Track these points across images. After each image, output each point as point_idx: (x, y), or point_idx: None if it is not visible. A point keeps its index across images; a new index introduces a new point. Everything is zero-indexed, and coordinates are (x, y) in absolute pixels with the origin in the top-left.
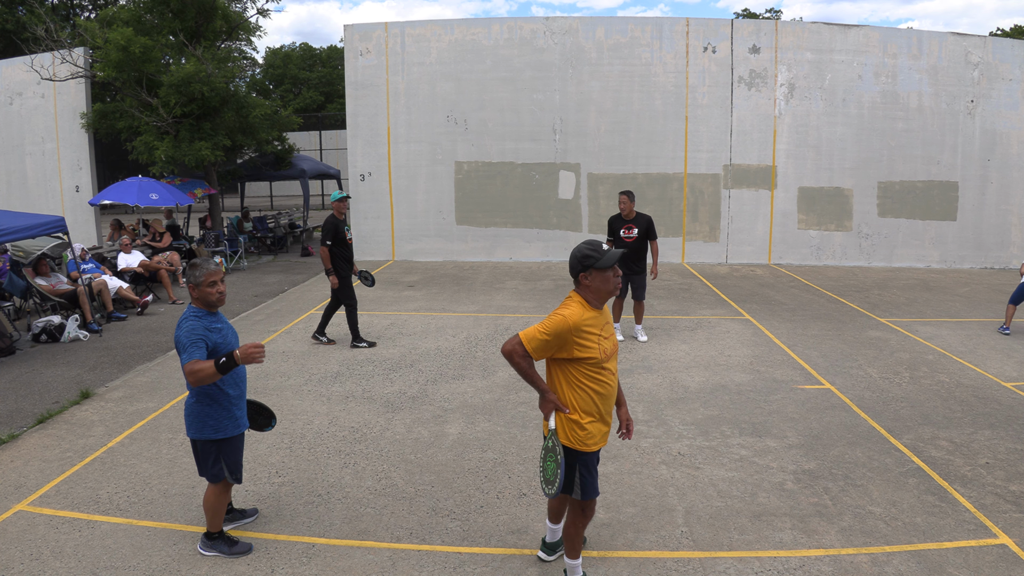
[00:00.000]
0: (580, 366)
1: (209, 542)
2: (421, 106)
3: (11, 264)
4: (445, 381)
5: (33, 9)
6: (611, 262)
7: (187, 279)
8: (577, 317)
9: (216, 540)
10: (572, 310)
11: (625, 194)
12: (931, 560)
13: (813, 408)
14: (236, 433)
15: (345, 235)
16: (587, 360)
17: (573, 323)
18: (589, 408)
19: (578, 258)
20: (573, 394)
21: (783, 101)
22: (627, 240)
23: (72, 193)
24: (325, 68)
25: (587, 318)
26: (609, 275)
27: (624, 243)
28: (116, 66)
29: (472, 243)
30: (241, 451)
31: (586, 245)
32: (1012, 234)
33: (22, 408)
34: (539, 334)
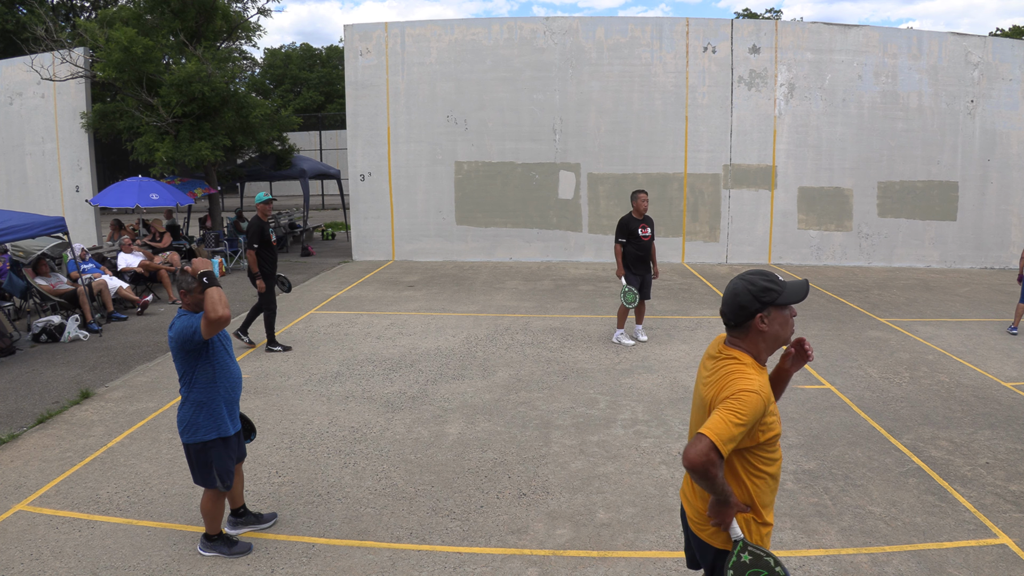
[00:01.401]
0: (761, 449)
1: (208, 543)
2: (421, 106)
3: (11, 264)
4: (445, 381)
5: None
6: (800, 296)
7: (179, 285)
8: (767, 388)
9: (215, 541)
10: (757, 380)
11: (644, 193)
12: (931, 560)
13: (813, 408)
14: (226, 435)
15: (270, 237)
16: (770, 439)
17: (767, 397)
18: (768, 498)
19: (753, 294)
20: (752, 485)
21: (783, 101)
22: (645, 239)
23: (72, 193)
24: (325, 68)
25: (767, 383)
26: (788, 315)
27: (642, 243)
28: (117, 66)
29: (472, 243)
30: (232, 458)
31: (760, 277)
32: (1012, 234)
33: (22, 408)
34: (733, 427)
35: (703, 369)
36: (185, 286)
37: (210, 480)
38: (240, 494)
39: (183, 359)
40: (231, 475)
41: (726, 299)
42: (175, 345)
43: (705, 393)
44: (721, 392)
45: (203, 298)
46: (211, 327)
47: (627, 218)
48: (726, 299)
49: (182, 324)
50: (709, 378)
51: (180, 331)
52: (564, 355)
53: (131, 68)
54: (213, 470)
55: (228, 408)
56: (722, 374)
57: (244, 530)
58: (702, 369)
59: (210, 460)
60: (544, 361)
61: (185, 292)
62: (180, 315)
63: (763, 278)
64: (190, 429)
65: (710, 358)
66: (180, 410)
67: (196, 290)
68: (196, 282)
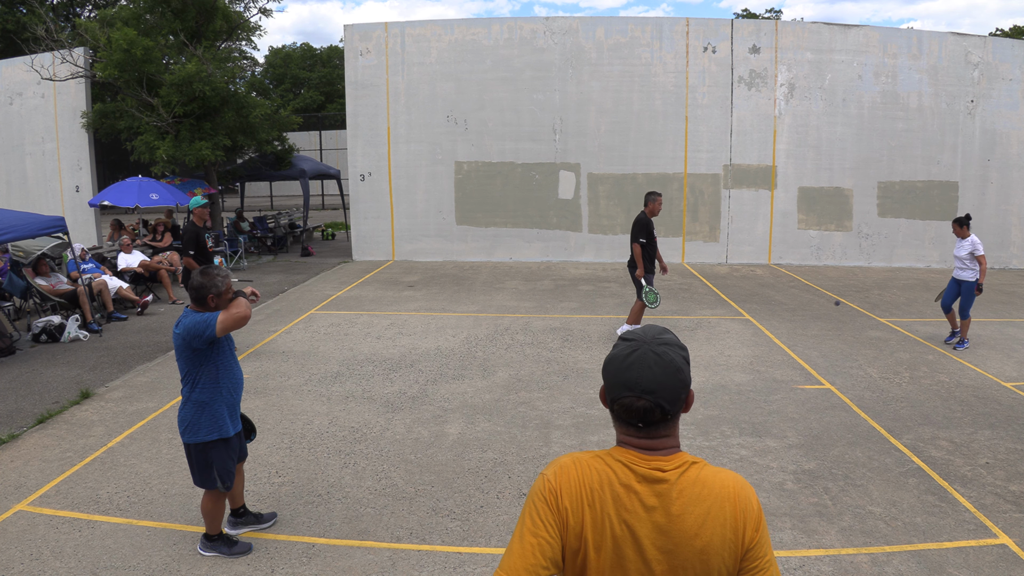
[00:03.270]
0: None
1: (208, 543)
2: (421, 106)
3: (11, 264)
4: (445, 381)
5: (33, 9)
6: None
7: (205, 289)
8: None
9: (216, 541)
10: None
11: (660, 195)
12: (931, 560)
13: (813, 408)
14: (227, 436)
15: (206, 243)
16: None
17: None
18: None
19: (689, 362)
20: None
21: (783, 101)
22: (655, 240)
23: (72, 193)
24: (325, 68)
25: None
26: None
27: (654, 243)
28: (117, 66)
29: (472, 243)
30: (232, 459)
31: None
32: (1012, 234)
33: (22, 408)
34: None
35: (633, 505)
36: (214, 290)
37: (210, 481)
38: (240, 494)
39: (188, 358)
40: (231, 476)
41: (661, 380)
42: (182, 342)
43: (703, 544)
44: (745, 520)
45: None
46: (231, 324)
47: (645, 219)
48: (661, 380)
49: (193, 320)
50: (689, 520)
51: (190, 327)
52: (564, 355)
53: (131, 68)
54: (213, 470)
55: (229, 409)
56: (719, 498)
57: (244, 530)
58: (632, 509)
59: (210, 460)
60: (544, 361)
61: (214, 296)
62: (189, 313)
63: (679, 340)
64: (191, 429)
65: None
66: (181, 410)
67: (227, 293)
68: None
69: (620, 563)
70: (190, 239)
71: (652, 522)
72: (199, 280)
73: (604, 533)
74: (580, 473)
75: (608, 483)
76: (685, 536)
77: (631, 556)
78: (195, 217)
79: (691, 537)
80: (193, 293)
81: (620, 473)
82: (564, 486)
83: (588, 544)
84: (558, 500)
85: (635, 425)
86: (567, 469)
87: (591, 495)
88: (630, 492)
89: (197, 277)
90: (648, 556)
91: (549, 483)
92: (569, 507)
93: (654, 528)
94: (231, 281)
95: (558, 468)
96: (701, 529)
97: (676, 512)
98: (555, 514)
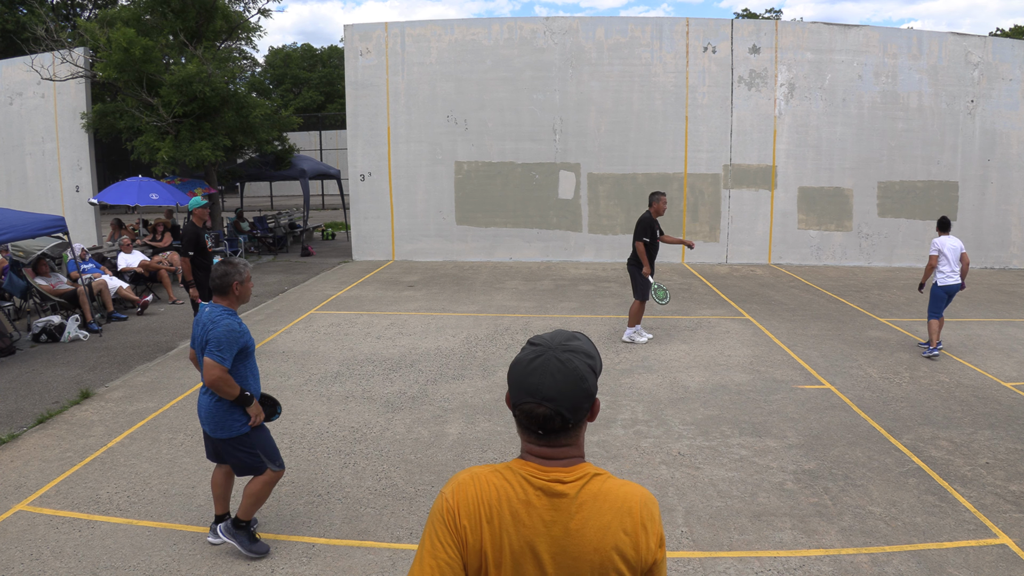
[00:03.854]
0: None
1: (234, 529)
2: (421, 106)
3: (11, 264)
4: (445, 381)
5: (33, 9)
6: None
7: (229, 276)
8: None
9: (242, 529)
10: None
11: (665, 195)
12: (931, 560)
13: (813, 408)
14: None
15: (206, 244)
16: None
17: None
18: None
19: (596, 372)
20: None
21: (783, 101)
22: (658, 241)
23: (72, 193)
24: (325, 68)
25: None
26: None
27: (657, 243)
28: (117, 66)
29: (472, 243)
30: (271, 438)
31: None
32: (1012, 234)
33: (22, 408)
34: None
35: (531, 520)
36: (238, 277)
37: (260, 465)
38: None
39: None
40: (278, 452)
41: (562, 388)
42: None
43: (601, 558)
44: (646, 536)
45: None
46: (220, 388)
47: (649, 218)
48: (562, 388)
49: (228, 325)
50: (588, 534)
51: (228, 332)
52: None
53: (131, 68)
54: (259, 455)
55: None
56: (619, 512)
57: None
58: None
59: (253, 447)
60: None
61: (239, 283)
62: (224, 313)
63: (590, 346)
64: (225, 426)
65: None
66: (208, 407)
67: (249, 281)
68: (240, 392)
69: (529, 563)
70: (190, 240)
71: (551, 537)
72: (223, 268)
73: (503, 550)
74: (478, 490)
75: (506, 498)
76: (584, 551)
77: (531, 572)
78: (195, 218)
79: (590, 552)
80: (217, 282)
81: (518, 487)
82: (462, 504)
83: (488, 561)
84: (456, 519)
85: (536, 432)
86: (465, 486)
87: (489, 511)
88: (528, 507)
89: (221, 267)
90: (548, 572)
91: (447, 503)
92: (468, 525)
93: (553, 543)
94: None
95: (456, 486)
96: (601, 544)
97: (575, 527)
98: (453, 534)
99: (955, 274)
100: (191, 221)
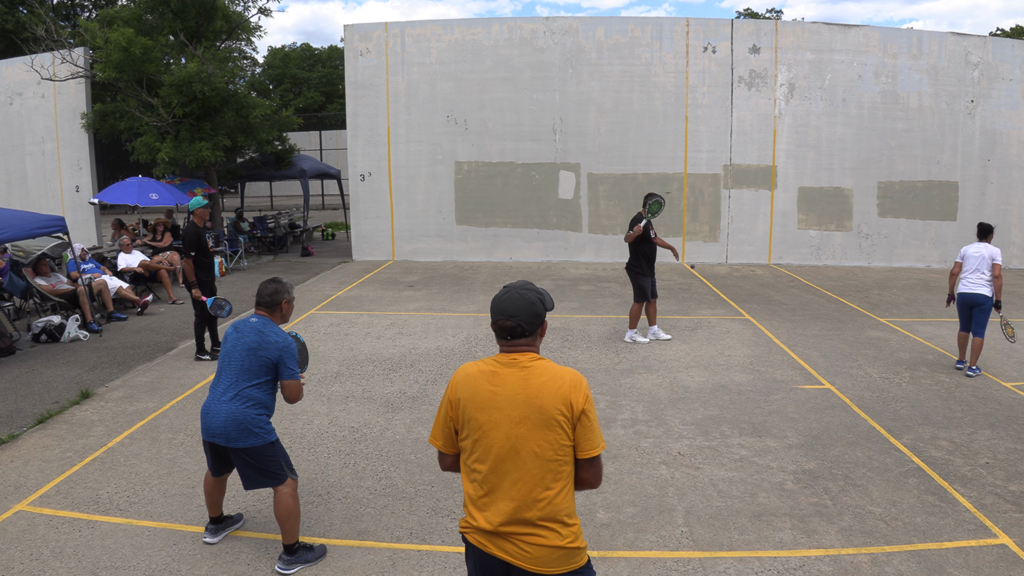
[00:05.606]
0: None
1: (291, 557)
2: (421, 106)
3: (11, 264)
4: (445, 381)
5: (33, 9)
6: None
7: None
8: None
9: (299, 552)
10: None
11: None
12: (931, 560)
13: (813, 408)
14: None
15: (207, 244)
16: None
17: None
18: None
19: (544, 304)
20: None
21: (783, 101)
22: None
23: (72, 193)
24: (325, 68)
25: None
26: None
27: (653, 244)
28: (117, 66)
29: (472, 243)
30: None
31: (535, 288)
32: (1012, 234)
33: (22, 408)
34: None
35: (493, 384)
36: (287, 295)
37: (281, 474)
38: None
39: (268, 367)
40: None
41: (519, 311)
42: (277, 354)
43: (543, 403)
44: (576, 395)
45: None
46: (296, 394)
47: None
48: (519, 311)
49: (294, 347)
50: (532, 387)
51: (295, 353)
52: (564, 355)
53: (131, 68)
54: (281, 462)
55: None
56: (555, 376)
57: (227, 532)
58: (489, 384)
59: (277, 454)
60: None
61: (287, 301)
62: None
63: (541, 290)
64: (261, 431)
65: (504, 367)
66: (239, 414)
67: (293, 299)
68: (293, 295)
69: (492, 408)
70: (191, 240)
71: (509, 389)
72: (274, 287)
73: (477, 400)
74: (465, 371)
75: (481, 372)
76: (531, 396)
77: (495, 414)
78: (196, 218)
79: (535, 397)
80: (268, 299)
81: (491, 363)
82: (455, 381)
83: (468, 407)
84: (453, 391)
85: (505, 338)
86: (457, 372)
87: (470, 380)
88: (495, 375)
89: (271, 284)
90: (505, 411)
91: (449, 384)
92: (458, 394)
93: (511, 394)
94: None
95: (455, 374)
96: (541, 392)
97: (524, 382)
98: (452, 400)
99: (972, 283)
100: (192, 221)
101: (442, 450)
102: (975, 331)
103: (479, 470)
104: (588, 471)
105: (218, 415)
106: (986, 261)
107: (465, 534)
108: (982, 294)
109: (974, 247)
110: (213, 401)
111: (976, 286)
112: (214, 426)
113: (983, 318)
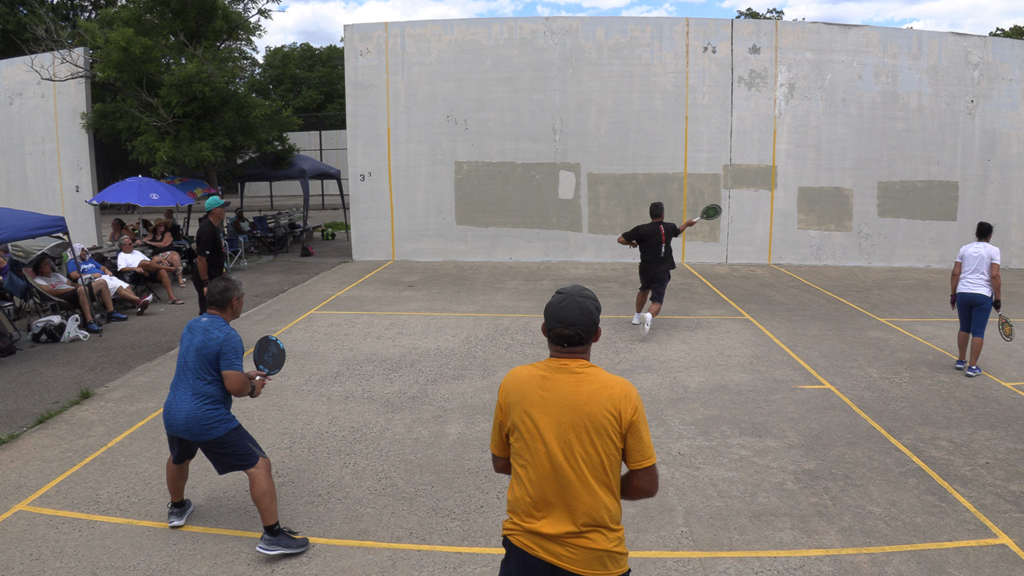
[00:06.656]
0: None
1: (273, 538)
2: (421, 106)
3: (11, 264)
4: (445, 381)
5: (33, 9)
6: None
7: (229, 292)
8: None
9: (279, 535)
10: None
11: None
12: (931, 560)
13: (813, 408)
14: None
15: (222, 244)
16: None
17: None
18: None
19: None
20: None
21: (783, 101)
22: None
23: (72, 193)
24: (325, 68)
25: None
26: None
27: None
28: (117, 66)
29: (472, 243)
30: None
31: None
32: (1012, 234)
33: (22, 408)
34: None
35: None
36: (237, 292)
37: (252, 456)
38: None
39: (213, 363)
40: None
41: (578, 319)
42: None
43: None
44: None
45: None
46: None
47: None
48: (578, 319)
49: (237, 337)
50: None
51: (233, 348)
52: None
53: (131, 68)
54: (247, 444)
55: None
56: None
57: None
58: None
59: (241, 438)
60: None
61: (237, 298)
62: (224, 323)
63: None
64: (221, 423)
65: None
66: (191, 413)
67: (242, 296)
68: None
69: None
70: (207, 239)
71: (559, 394)
72: (223, 284)
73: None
74: (515, 375)
75: (531, 376)
76: (579, 402)
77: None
78: (212, 217)
79: (585, 404)
80: (218, 297)
81: (542, 368)
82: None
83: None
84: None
85: (562, 345)
86: (508, 375)
87: (518, 383)
88: (546, 379)
89: (220, 282)
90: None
91: (501, 387)
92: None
93: (560, 399)
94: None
95: (506, 376)
96: (591, 399)
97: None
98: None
99: (971, 283)
100: (208, 220)
101: (496, 453)
102: (975, 331)
103: (528, 474)
104: (644, 479)
105: (179, 413)
106: (985, 261)
107: (509, 536)
108: (981, 294)
109: (973, 247)
110: (174, 400)
111: (975, 286)
112: (176, 424)
113: (983, 318)
